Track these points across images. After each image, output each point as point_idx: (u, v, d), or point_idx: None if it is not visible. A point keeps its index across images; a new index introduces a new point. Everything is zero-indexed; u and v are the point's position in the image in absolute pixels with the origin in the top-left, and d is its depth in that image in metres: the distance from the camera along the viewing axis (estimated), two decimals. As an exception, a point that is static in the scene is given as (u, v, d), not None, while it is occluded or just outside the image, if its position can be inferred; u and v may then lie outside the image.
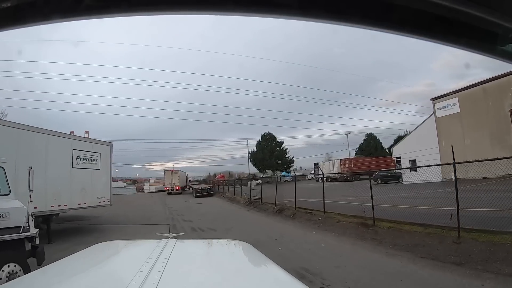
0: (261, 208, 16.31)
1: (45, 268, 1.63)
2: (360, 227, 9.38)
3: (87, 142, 11.79)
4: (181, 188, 39.04)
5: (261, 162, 51.93)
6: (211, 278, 1.39)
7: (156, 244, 1.82)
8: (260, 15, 0.69)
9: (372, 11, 0.62)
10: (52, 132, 10.04)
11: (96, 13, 0.74)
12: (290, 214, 12.82)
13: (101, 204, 12.09)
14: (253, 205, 17.64)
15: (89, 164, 11.59)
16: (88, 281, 1.36)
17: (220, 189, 33.36)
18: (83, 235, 10.56)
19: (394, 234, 8.30)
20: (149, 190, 47.70)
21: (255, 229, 10.84)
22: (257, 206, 16.89)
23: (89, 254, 1.91)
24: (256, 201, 18.03)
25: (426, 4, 0.58)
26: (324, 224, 10.65)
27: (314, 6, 0.64)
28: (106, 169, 12.52)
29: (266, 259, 1.74)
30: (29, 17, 0.75)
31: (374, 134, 54.47)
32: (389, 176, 29.02)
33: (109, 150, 12.83)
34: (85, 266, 1.64)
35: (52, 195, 9.70)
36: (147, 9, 0.74)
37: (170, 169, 43.27)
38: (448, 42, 0.67)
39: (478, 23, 0.62)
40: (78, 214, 14.25)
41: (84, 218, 14.48)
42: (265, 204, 16.72)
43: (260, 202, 17.16)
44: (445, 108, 27.47)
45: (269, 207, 15.67)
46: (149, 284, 1.13)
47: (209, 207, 19.90)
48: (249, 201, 18.89)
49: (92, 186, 11.52)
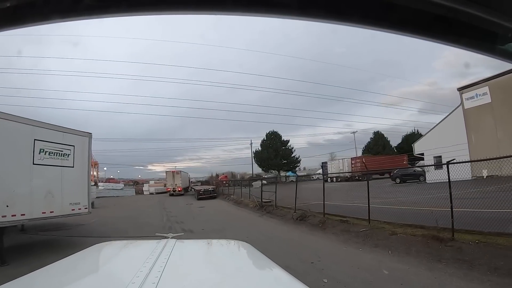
0: (275, 214, 13.55)
1: (45, 268, 1.59)
2: (430, 242, 6.55)
3: (56, 131, 9.05)
4: (183, 189, 37.91)
5: (266, 162, 51.25)
6: (211, 278, 1.40)
7: (155, 244, 1.83)
8: (260, 15, 0.70)
9: (372, 11, 0.63)
10: (2, 114, 7.15)
11: (95, 13, 0.74)
12: (317, 223, 9.97)
13: (75, 212, 9.35)
14: (265, 210, 14.94)
15: (59, 159, 8.84)
16: (87, 281, 1.38)
17: (223, 190, 30.33)
18: (51, 253, 7.91)
19: (487, 252, 6.10)
20: (148, 192, 46.29)
21: (277, 245, 8.05)
22: (271, 211, 14.17)
23: (89, 254, 1.93)
24: (268, 205, 15.11)
25: (426, 4, 0.59)
26: (371, 237, 7.79)
27: (314, 6, 0.65)
28: (82, 167, 9.79)
29: (266, 259, 1.74)
30: (29, 17, 0.75)
31: (381, 132, 53.34)
32: (409, 175, 26.36)
33: (86, 143, 10.05)
34: (85, 266, 1.67)
35: (3, 202, 6.79)
36: (146, 9, 0.74)
37: (172, 169, 42.26)
38: (448, 42, 0.68)
39: (478, 23, 0.62)
40: (58, 222, 11.89)
41: (65, 227, 12.26)
42: (279, 208, 13.80)
43: (274, 206, 14.16)
44: (474, 99, 25.06)
45: (286, 212, 12.92)
46: (148, 284, 1.14)
47: (213, 212, 17.14)
48: (259, 205, 15.92)
49: (62, 189, 8.81)
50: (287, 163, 51.78)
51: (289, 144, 53.21)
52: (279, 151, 51.24)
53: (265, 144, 52.58)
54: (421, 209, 8.96)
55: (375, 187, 13.44)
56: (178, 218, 15.71)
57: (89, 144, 10.71)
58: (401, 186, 16.25)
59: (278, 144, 51.95)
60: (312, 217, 11.16)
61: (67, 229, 12.48)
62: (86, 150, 10.58)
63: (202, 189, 30.85)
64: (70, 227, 12.91)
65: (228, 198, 25.94)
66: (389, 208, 10.44)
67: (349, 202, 11.88)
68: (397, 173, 26.08)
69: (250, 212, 16.69)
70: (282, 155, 51.41)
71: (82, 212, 10.07)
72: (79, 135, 10.39)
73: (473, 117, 25.02)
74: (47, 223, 10.56)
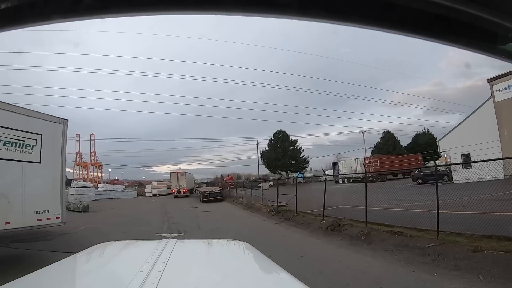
0: (297, 221, 11.15)
1: (45, 268, 1.58)
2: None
3: (15, 114, 6.68)
4: (188, 191, 36.60)
5: (273, 162, 49.44)
6: (211, 278, 1.40)
7: (156, 244, 1.83)
8: (260, 15, 0.71)
9: (372, 11, 0.63)
10: None
11: (96, 13, 0.74)
12: (358, 235, 7.76)
13: (43, 223, 7.27)
14: (282, 216, 12.47)
15: (18, 152, 6.65)
16: (88, 281, 1.38)
17: (230, 192, 28.09)
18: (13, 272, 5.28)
19: None
20: (151, 194, 44.93)
21: (315, 271, 5.46)
22: (290, 218, 11.96)
23: (89, 254, 1.94)
24: (284, 209, 12.73)
25: (426, 4, 0.59)
26: (445, 256, 5.68)
27: (314, 6, 0.65)
28: (53, 163, 7.72)
29: (266, 258, 1.75)
30: (29, 17, 0.75)
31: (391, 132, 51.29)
32: (432, 174, 23.53)
33: (60, 132, 7.79)
34: (85, 266, 1.69)
35: None
36: (146, 9, 0.74)
37: (176, 170, 41.26)
38: (448, 42, 0.68)
39: (478, 23, 0.62)
40: (40, 231, 9.58)
41: (46, 237, 9.93)
42: (301, 214, 11.42)
43: (295, 212, 11.81)
44: (507, 90, 23.53)
45: (311, 219, 10.56)
46: (149, 284, 1.15)
47: (221, 219, 15.08)
48: (275, 210, 13.59)
49: (24, 193, 6.61)
50: (295, 163, 49.95)
51: (297, 144, 52.09)
52: (287, 151, 50.03)
53: (272, 144, 51.86)
54: (478, 214, 6.73)
55: (396, 188, 11.78)
56: (181, 225, 13.68)
57: (64, 134, 8.47)
58: (426, 187, 13.77)
59: (286, 144, 51.03)
60: (348, 226, 8.86)
61: (48, 240, 10.31)
62: (60, 141, 8.39)
63: (207, 191, 29.35)
64: (53, 236, 10.72)
65: (237, 201, 24.35)
66: (431, 212, 7.88)
67: (375, 206, 9.57)
68: (419, 173, 24.27)
69: (264, 219, 14.53)
70: (290, 155, 50.01)
71: (52, 222, 7.92)
72: (50, 121, 8.24)
73: (506, 110, 23.42)
74: (26, 232, 8.61)
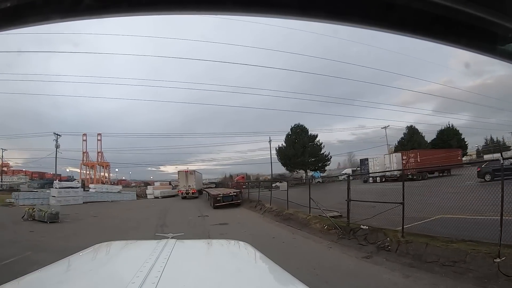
0: (420, 258, 4.56)
1: (45, 268, 1.58)
2: None
3: None
4: (197, 191, 33.23)
5: (291, 160, 43.82)
6: (211, 278, 1.39)
7: (156, 244, 1.82)
8: (260, 15, 0.71)
9: (372, 11, 0.63)
10: None
11: (96, 13, 0.74)
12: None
13: None
14: (365, 241, 6.07)
15: None
16: (88, 281, 1.36)
17: (248, 195, 21.78)
18: None
19: None
20: (153, 196, 40.36)
21: None
22: (389, 248, 5.28)
23: (89, 254, 1.94)
24: (357, 227, 6.51)
25: (426, 4, 0.60)
26: None
27: (314, 6, 0.65)
28: None
29: (266, 258, 1.73)
30: (29, 17, 0.75)
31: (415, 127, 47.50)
32: (506, 169, 16.90)
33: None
34: (85, 266, 1.67)
35: None
36: (146, 9, 0.74)
37: (185, 169, 37.31)
38: (448, 42, 0.67)
39: (478, 23, 0.62)
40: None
41: None
42: (382, 231, 5.34)
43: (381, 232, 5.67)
44: None
45: (421, 248, 4.97)
46: (148, 284, 1.14)
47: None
48: (340, 228, 7.23)
49: None
50: (315, 161, 43.86)
51: (318, 139, 45.54)
52: (306, 147, 43.60)
53: (290, 139, 45.31)
54: None
55: (458, 187, 8.29)
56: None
57: None
58: (498, 185, 7.28)
59: (305, 139, 44.65)
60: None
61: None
62: None
63: (220, 194, 21.69)
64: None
65: (261, 207, 17.15)
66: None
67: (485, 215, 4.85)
68: (487, 168, 19.79)
69: (332, 245, 7.86)
70: (310, 152, 43.71)
71: None
72: None
73: None
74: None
